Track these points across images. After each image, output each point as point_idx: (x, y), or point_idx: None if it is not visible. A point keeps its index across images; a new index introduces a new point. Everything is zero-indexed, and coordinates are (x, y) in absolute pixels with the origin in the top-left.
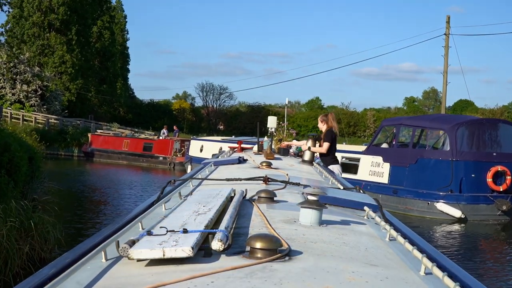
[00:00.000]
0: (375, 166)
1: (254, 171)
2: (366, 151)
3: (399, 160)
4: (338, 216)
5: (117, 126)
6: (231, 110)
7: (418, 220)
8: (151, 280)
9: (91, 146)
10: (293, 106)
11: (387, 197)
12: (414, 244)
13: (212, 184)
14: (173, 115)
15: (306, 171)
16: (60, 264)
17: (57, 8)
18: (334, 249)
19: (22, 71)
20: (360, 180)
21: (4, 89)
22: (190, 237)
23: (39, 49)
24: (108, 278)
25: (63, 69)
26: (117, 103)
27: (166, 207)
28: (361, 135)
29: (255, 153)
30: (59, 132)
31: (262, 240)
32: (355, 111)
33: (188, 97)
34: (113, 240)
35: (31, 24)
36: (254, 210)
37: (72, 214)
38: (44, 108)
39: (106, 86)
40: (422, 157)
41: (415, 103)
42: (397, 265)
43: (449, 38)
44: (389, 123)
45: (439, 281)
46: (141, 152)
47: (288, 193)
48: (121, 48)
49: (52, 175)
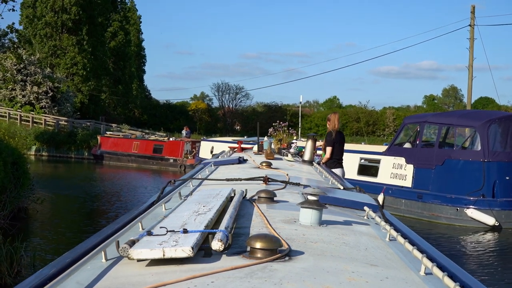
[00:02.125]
0: (397, 168)
1: (254, 171)
2: (387, 151)
3: (423, 161)
4: (338, 216)
5: (127, 128)
6: (247, 110)
7: (446, 229)
8: (151, 280)
9: (100, 148)
10: (311, 105)
11: (411, 202)
12: (414, 244)
13: (212, 184)
14: (189, 116)
15: (306, 171)
16: (60, 264)
17: (69, 8)
18: (334, 249)
19: (32, 72)
20: (381, 183)
21: (15, 91)
22: (190, 237)
23: (51, 50)
24: (108, 278)
25: (75, 70)
26: (132, 104)
27: (166, 207)
28: (380, 134)
29: (255, 153)
30: (69, 135)
31: (262, 240)
32: (373, 110)
33: (206, 98)
34: (113, 240)
35: (44, 24)
36: (254, 210)
37: (60, 224)
38: (55, 110)
39: (121, 87)
40: (450, 158)
41: (435, 101)
42: (397, 265)
43: (474, 30)
44: (412, 120)
45: (439, 281)
46: (151, 154)
47: (288, 193)
48: (136, 49)
49: (53, 180)
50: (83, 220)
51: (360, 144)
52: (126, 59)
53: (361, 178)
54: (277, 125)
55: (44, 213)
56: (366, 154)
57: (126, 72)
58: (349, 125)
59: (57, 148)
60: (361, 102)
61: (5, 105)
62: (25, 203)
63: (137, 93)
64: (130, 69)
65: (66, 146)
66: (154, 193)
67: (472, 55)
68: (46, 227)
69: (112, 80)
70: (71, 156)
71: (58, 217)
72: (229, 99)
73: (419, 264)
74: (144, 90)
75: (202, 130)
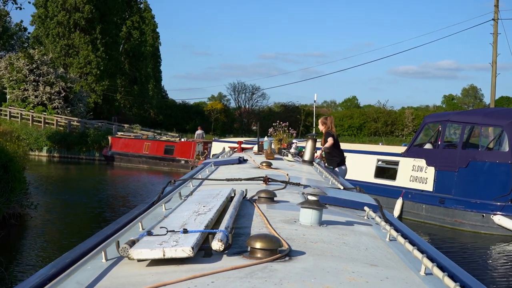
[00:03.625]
0: (417, 170)
1: (254, 171)
2: (406, 152)
3: (446, 163)
4: (338, 216)
5: (139, 128)
6: (263, 110)
7: (470, 237)
8: (151, 280)
9: (111, 149)
10: (328, 105)
11: (432, 207)
12: (414, 244)
13: (212, 184)
14: (205, 116)
15: (306, 171)
16: (60, 264)
17: (82, 7)
18: (334, 249)
19: (45, 72)
20: (399, 187)
21: (27, 91)
22: (190, 237)
23: (64, 49)
24: (108, 278)
25: (88, 69)
26: (147, 105)
27: (166, 207)
28: (399, 134)
29: (255, 153)
30: (80, 135)
31: (262, 240)
32: (392, 109)
33: (224, 98)
34: (113, 240)
35: (56, 23)
36: (254, 210)
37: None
38: (68, 110)
39: (136, 87)
40: (475, 160)
41: (454, 101)
42: (397, 265)
43: (497, 24)
44: (434, 119)
45: (439, 281)
46: (162, 155)
47: (288, 193)
48: (152, 49)
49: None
50: (78, 229)
51: (378, 145)
52: (142, 59)
53: (378, 181)
54: (277, 125)
55: (38, 220)
56: (384, 156)
57: (142, 72)
58: (367, 125)
59: (69, 149)
60: (380, 102)
61: (17, 105)
62: (16, 209)
63: (153, 93)
64: (146, 70)
65: (78, 147)
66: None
67: (496, 50)
68: (35, 236)
69: (128, 80)
70: (82, 157)
71: (52, 224)
72: (245, 99)
73: (419, 264)
74: (161, 91)
75: (218, 131)
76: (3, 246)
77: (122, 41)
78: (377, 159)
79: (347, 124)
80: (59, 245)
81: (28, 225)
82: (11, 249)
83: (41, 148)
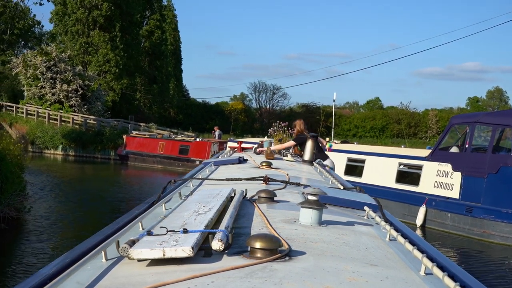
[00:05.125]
0: (442, 176)
1: (254, 171)
2: (430, 156)
3: (474, 168)
4: (338, 216)
5: (155, 127)
6: (284, 110)
7: (500, 250)
8: (151, 280)
9: (125, 148)
10: (351, 106)
11: (458, 217)
12: (414, 244)
13: (212, 184)
14: (225, 116)
15: (306, 171)
16: (60, 264)
17: (100, 4)
18: (334, 249)
19: (62, 70)
20: (423, 193)
21: (44, 89)
22: (190, 237)
23: (83, 47)
24: (108, 278)
25: (107, 68)
26: (167, 104)
27: (166, 207)
28: (422, 136)
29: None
30: (96, 134)
31: (262, 240)
32: (415, 111)
33: (246, 99)
34: (113, 240)
35: (74, 21)
36: (254, 210)
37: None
38: (85, 109)
39: (156, 86)
40: (506, 165)
41: (479, 103)
42: (397, 265)
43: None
44: (461, 120)
45: (439, 281)
46: (176, 155)
47: (288, 193)
48: (173, 48)
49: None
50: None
51: (400, 148)
52: (162, 58)
53: (400, 187)
54: (277, 125)
55: (33, 225)
56: (406, 159)
57: (163, 71)
58: (390, 127)
59: (84, 148)
60: (403, 103)
61: (34, 103)
62: (7, 212)
63: (174, 92)
64: (167, 68)
65: (93, 146)
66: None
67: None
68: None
69: (147, 79)
70: (97, 156)
71: (47, 232)
72: (266, 99)
73: (419, 264)
74: (182, 90)
75: (238, 131)
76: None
77: (142, 39)
78: (399, 162)
79: (369, 126)
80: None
81: (21, 230)
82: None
83: (56, 146)
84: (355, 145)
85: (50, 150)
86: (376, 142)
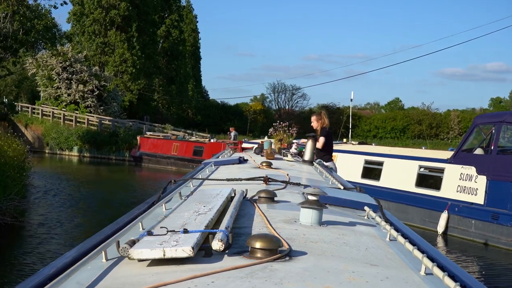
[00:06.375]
0: (466, 179)
1: (254, 171)
2: (453, 158)
3: (500, 171)
4: (338, 216)
5: (170, 128)
6: (304, 111)
7: None
8: (151, 280)
9: (139, 149)
10: (372, 107)
11: (484, 224)
12: (414, 244)
13: (212, 184)
14: (243, 117)
15: (306, 171)
16: (60, 264)
17: (118, 4)
18: (335, 249)
19: (78, 70)
20: (444, 198)
21: (60, 90)
22: (191, 237)
23: (100, 47)
24: (108, 278)
25: (124, 68)
26: (186, 105)
27: (167, 207)
28: (444, 137)
29: (256, 153)
30: (111, 135)
31: (262, 240)
32: (437, 112)
33: (266, 100)
34: (114, 240)
35: (92, 21)
36: (254, 210)
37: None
38: (101, 109)
39: (174, 86)
40: None
41: (502, 104)
42: (397, 265)
43: None
44: (486, 120)
45: (440, 281)
46: (190, 156)
47: (288, 193)
48: (192, 49)
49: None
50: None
51: (421, 149)
52: (180, 59)
53: (420, 191)
54: (277, 125)
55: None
56: (427, 162)
57: (181, 72)
58: (411, 128)
59: (98, 149)
60: (424, 104)
61: (50, 104)
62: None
63: (193, 93)
64: (185, 69)
65: (108, 147)
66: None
67: None
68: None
69: (165, 80)
70: (111, 157)
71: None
72: (285, 99)
73: (419, 264)
74: (201, 91)
75: (256, 132)
76: None
77: (160, 39)
78: (419, 165)
79: (390, 126)
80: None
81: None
82: None
83: (71, 147)
84: (373, 146)
85: (65, 151)
86: (397, 143)
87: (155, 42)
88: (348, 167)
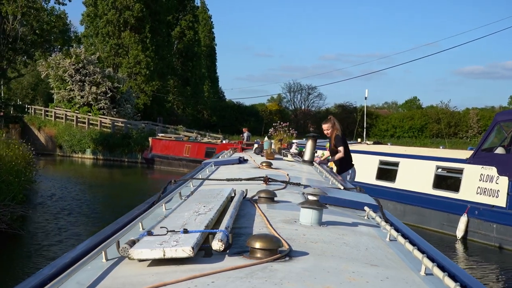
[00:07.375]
0: (486, 181)
1: (254, 171)
2: (472, 158)
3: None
4: (338, 216)
5: (183, 129)
6: (320, 111)
7: None
8: (151, 280)
9: (151, 151)
10: (389, 106)
11: (506, 228)
12: (414, 244)
13: (212, 184)
14: (259, 118)
15: (306, 171)
16: (60, 264)
17: (132, 5)
18: (335, 249)
19: (91, 72)
20: (464, 200)
21: (73, 92)
22: (191, 237)
23: (113, 49)
24: (108, 278)
25: (138, 69)
26: (201, 106)
27: (167, 207)
28: (463, 136)
29: (256, 153)
30: (124, 137)
31: (262, 240)
32: (456, 110)
33: (283, 100)
34: (114, 240)
35: (105, 22)
36: (254, 210)
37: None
38: (114, 111)
39: (189, 87)
40: None
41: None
42: (397, 265)
43: None
44: (507, 117)
45: (440, 281)
46: (203, 158)
47: (288, 193)
48: (208, 49)
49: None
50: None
51: (438, 149)
52: (195, 60)
53: (437, 193)
54: (278, 125)
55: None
56: (445, 162)
57: (196, 73)
58: (429, 127)
59: (111, 151)
60: (442, 102)
61: (63, 106)
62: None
63: (209, 94)
64: (200, 70)
65: (120, 149)
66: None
67: None
68: None
69: (180, 81)
70: (124, 159)
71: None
72: (301, 99)
73: (419, 264)
74: (218, 92)
75: None
76: None
77: (175, 41)
78: (436, 165)
79: (408, 126)
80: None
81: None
82: None
83: (84, 150)
84: (389, 146)
85: (78, 153)
86: (415, 143)
87: (170, 43)
88: (362, 168)
